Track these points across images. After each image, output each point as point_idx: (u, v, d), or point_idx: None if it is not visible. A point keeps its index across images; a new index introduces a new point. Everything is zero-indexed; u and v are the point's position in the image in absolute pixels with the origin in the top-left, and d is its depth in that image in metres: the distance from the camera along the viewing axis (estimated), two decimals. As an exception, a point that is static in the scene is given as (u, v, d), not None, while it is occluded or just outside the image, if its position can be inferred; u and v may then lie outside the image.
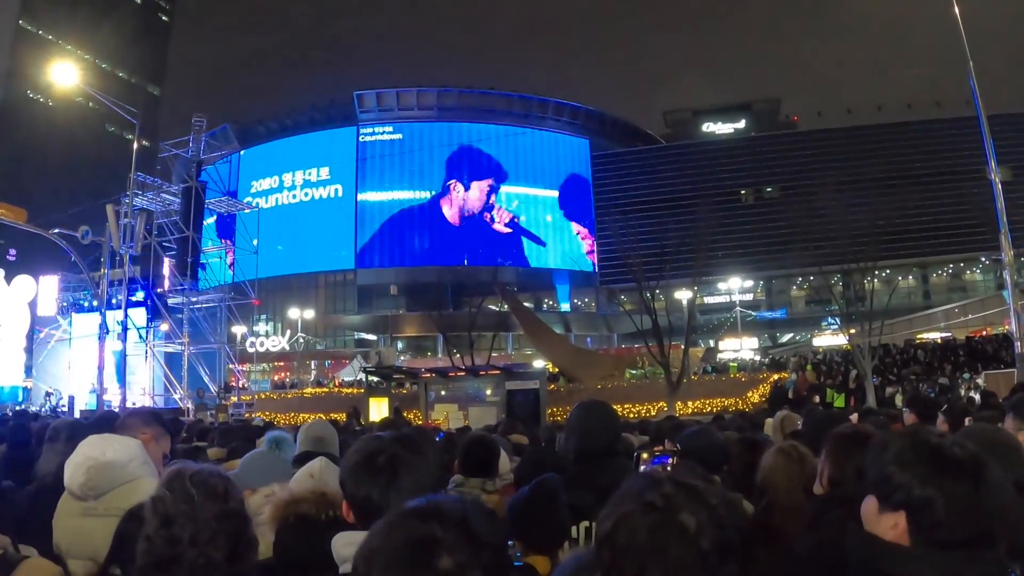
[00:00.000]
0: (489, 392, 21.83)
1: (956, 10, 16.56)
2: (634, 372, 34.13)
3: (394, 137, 67.98)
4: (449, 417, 20.41)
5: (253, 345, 52.32)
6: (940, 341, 33.70)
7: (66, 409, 22.11)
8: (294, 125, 70.95)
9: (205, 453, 5.14)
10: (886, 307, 27.01)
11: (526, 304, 46.38)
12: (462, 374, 24.21)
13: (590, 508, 2.82)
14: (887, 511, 1.56)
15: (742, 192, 65.78)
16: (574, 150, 70.45)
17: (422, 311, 48.16)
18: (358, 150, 67.69)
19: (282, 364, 55.77)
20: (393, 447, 1.83)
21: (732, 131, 79.06)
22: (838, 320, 31.39)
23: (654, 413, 22.31)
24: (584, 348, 47.16)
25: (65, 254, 24.81)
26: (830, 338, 46.64)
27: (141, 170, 25.11)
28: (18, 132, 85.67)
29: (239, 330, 40.46)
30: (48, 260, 33.17)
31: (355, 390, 31.38)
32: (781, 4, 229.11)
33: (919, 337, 36.92)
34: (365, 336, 64.40)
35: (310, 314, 59.56)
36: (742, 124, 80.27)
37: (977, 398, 15.22)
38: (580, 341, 57.19)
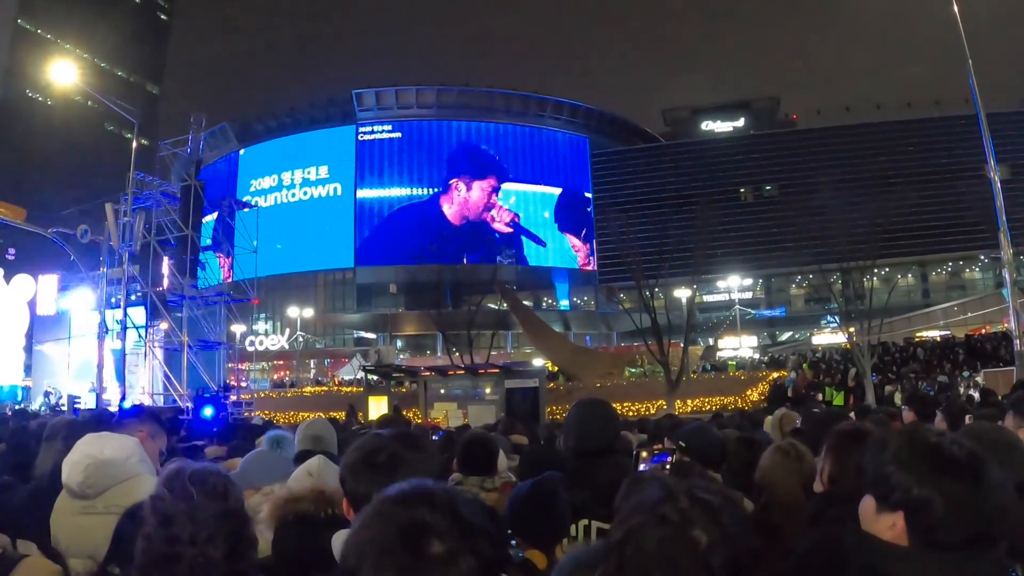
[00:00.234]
0: (488, 390, 21.80)
1: (955, 9, 16.57)
2: (633, 370, 34.17)
3: (393, 136, 67.97)
4: (448, 415, 20.40)
5: (253, 344, 52.38)
6: (939, 339, 33.70)
7: (65, 408, 22.07)
8: (293, 124, 70.87)
9: (203, 451, 5.14)
10: (885, 305, 27.01)
11: (525, 302, 46.34)
12: (461, 372, 24.19)
13: (589, 506, 2.82)
14: (885, 511, 1.55)
15: (741, 190, 65.80)
16: (573, 148, 70.47)
17: (421, 309, 48.21)
18: (357, 149, 67.67)
19: (281, 363, 55.84)
20: (393, 445, 1.83)
21: (731, 129, 79.03)
22: (837, 318, 31.39)
23: (653, 411, 22.33)
24: (583, 346, 47.12)
25: (64, 253, 24.81)
26: (829, 336, 46.67)
27: (140, 169, 24.99)
28: (17, 131, 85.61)
29: (238, 329, 40.45)
30: (47, 259, 33.14)
31: (354, 389, 31.38)
32: (780, 3, 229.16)
33: (918, 335, 36.92)
34: (364, 335, 64.40)
35: (309, 313, 59.58)
36: (741, 122, 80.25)
37: (976, 396, 15.23)
38: (579, 339, 57.22)
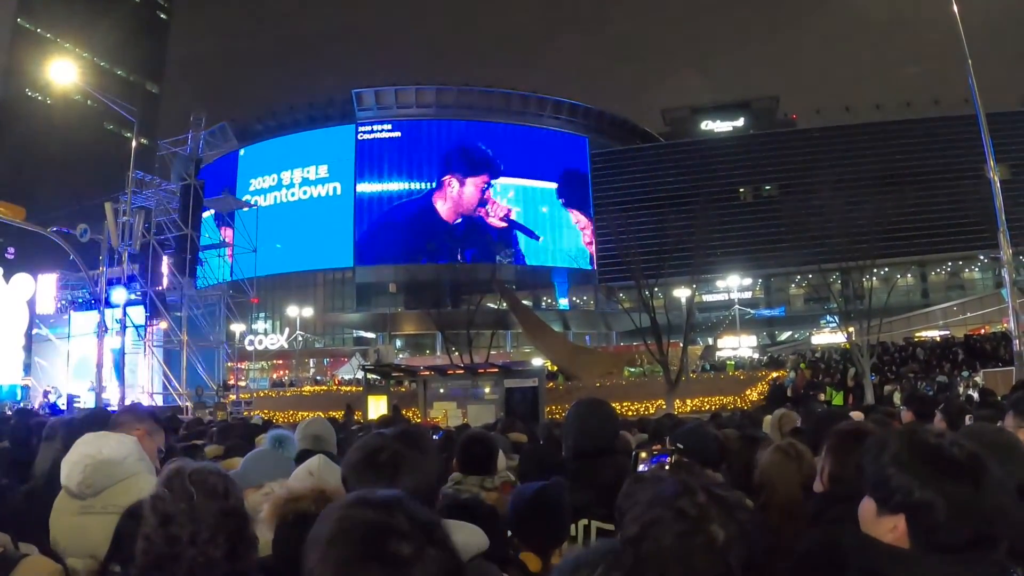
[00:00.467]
0: (488, 390, 21.78)
1: (955, 8, 16.56)
2: (632, 370, 34.16)
3: (392, 135, 67.97)
4: (448, 415, 20.39)
5: (252, 343, 52.36)
6: (939, 339, 33.68)
7: (65, 407, 22.07)
8: (292, 123, 70.89)
9: (202, 451, 5.13)
10: (885, 305, 27.02)
11: (525, 302, 46.34)
12: (461, 372, 24.16)
13: (588, 506, 2.82)
14: (886, 514, 1.53)
15: (741, 190, 65.83)
16: (573, 148, 70.46)
17: (421, 309, 48.21)
18: (357, 148, 67.67)
19: (281, 362, 55.81)
20: (395, 444, 1.83)
21: (731, 129, 79.04)
22: (837, 318, 31.32)
23: (652, 411, 22.33)
24: (582, 346, 47.12)
25: (64, 252, 24.79)
26: (829, 336, 46.65)
27: (140, 168, 25.07)
28: (17, 130, 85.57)
29: (238, 328, 40.45)
30: (47, 258, 33.14)
31: (354, 388, 31.38)
32: (780, 2, 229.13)
33: (918, 335, 36.91)
34: (364, 334, 64.41)
35: (309, 312, 59.57)
36: (741, 122, 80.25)
37: (976, 396, 15.24)
38: (579, 339, 57.23)
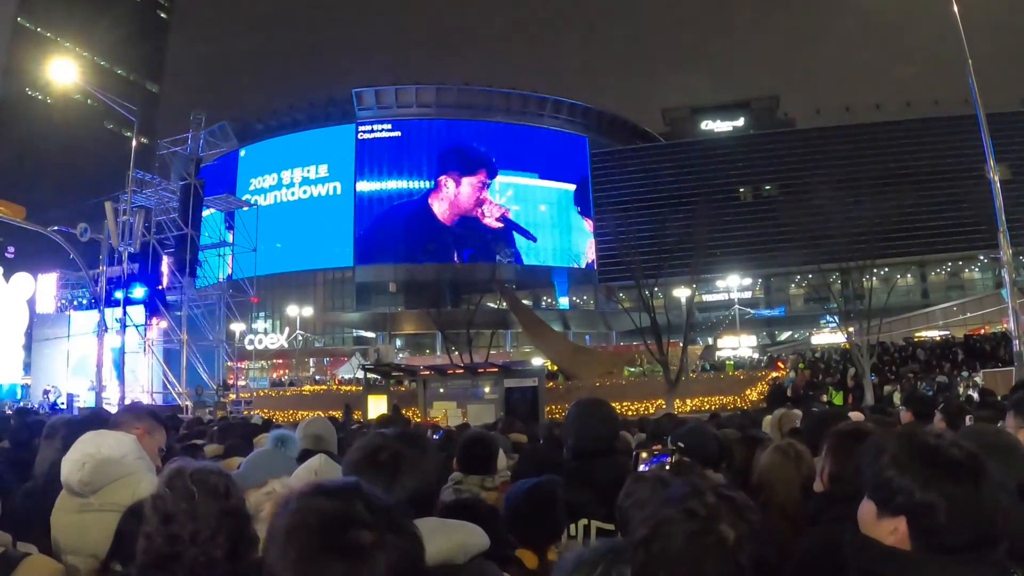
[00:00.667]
0: (487, 390, 21.77)
1: (955, 8, 16.53)
2: (632, 370, 34.13)
3: (392, 134, 67.97)
4: (448, 414, 20.38)
5: (252, 343, 52.31)
6: (939, 339, 33.67)
7: (64, 406, 22.06)
8: (292, 123, 70.88)
9: (202, 450, 5.13)
10: (884, 305, 27.01)
11: (524, 301, 46.35)
12: (460, 372, 24.15)
13: (588, 506, 2.82)
14: (886, 516, 1.53)
15: (741, 190, 65.82)
16: (573, 147, 70.46)
17: (421, 308, 48.20)
18: (357, 147, 67.66)
19: (280, 361, 55.77)
20: (396, 444, 1.83)
21: (731, 129, 79.05)
22: (837, 318, 31.33)
23: (652, 411, 22.31)
24: (582, 346, 47.08)
25: (64, 252, 24.77)
26: (829, 336, 46.63)
27: (140, 167, 25.05)
28: (16, 129, 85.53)
29: (238, 327, 40.42)
30: (47, 257, 33.13)
31: (354, 388, 31.35)
32: (780, 2, 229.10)
33: (917, 335, 36.89)
34: (364, 333, 64.42)
35: (308, 311, 59.56)
36: (741, 122, 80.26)
37: (975, 396, 15.24)
38: (579, 339, 57.19)
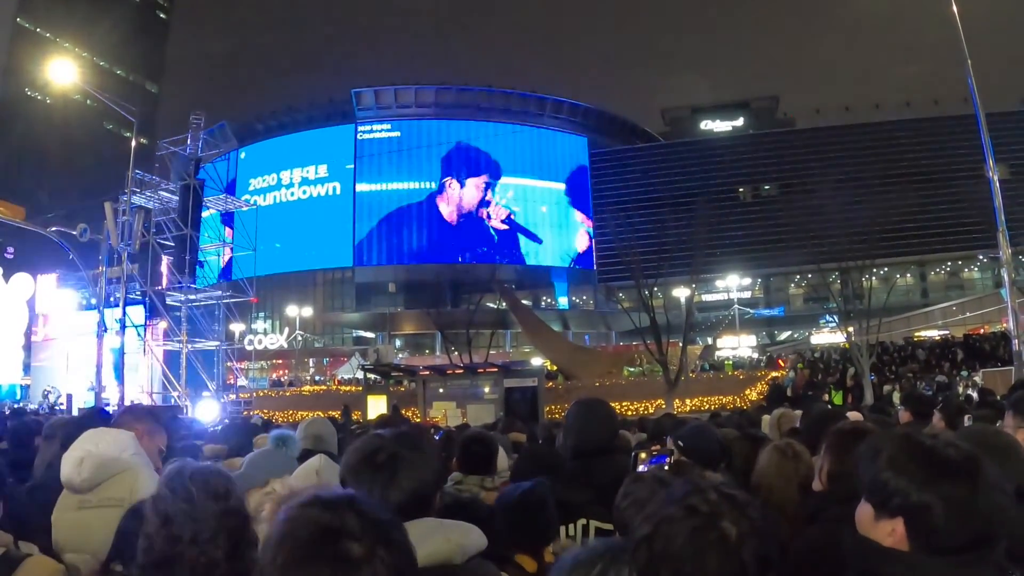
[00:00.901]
0: (487, 390, 21.77)
1: (955, 8, 16.53)
2: (632, 370, 34.15)
3: (392, 135, 67.94)
4: (447, 415, 20.37)
5: (251, 343, 52.28)
6: (938, 339, 33.68)
7: (64, 407, 22.06)
8: (292, 123, 70.85)
9: (202, 450, 5.13)
10: (884, 305, 27.01)
11: (524, 302, 46.34)
12: (460, 372, 24.15)
13: (587, 505, 2.83)
14: (884, 517, 1.53)
15: (740, 190, 65.82)
16: (573, 147, 70.45)
17: (420, 309, 48.22)
18: (356, 148, 67.64)
19: (280, 362, 55.79)
20: (393, 445, 1.83)
21: (730, 129, 79.04)
22: (836, 318, 31.33)
23: (652, 411, 22.31)
24: (582, 346, 47.10)
25: (63, 252, 24.78)
26: (828, 336, 46.65)
27: (139, 168, 24.98)
28: (16, 130, 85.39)
29: (237, 328, 40.40)
30: (46, 258, 33.14)
31: (353, 388, 31.36)
32: (780, 2, 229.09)
33: (917, 335, 36.90)
34: (363, 334, 64.41)
35: (308, 312, 59.55)
36: (740, 122, 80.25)
37: (975, 396, 15.24)
38: (578, 339, 57.20)
